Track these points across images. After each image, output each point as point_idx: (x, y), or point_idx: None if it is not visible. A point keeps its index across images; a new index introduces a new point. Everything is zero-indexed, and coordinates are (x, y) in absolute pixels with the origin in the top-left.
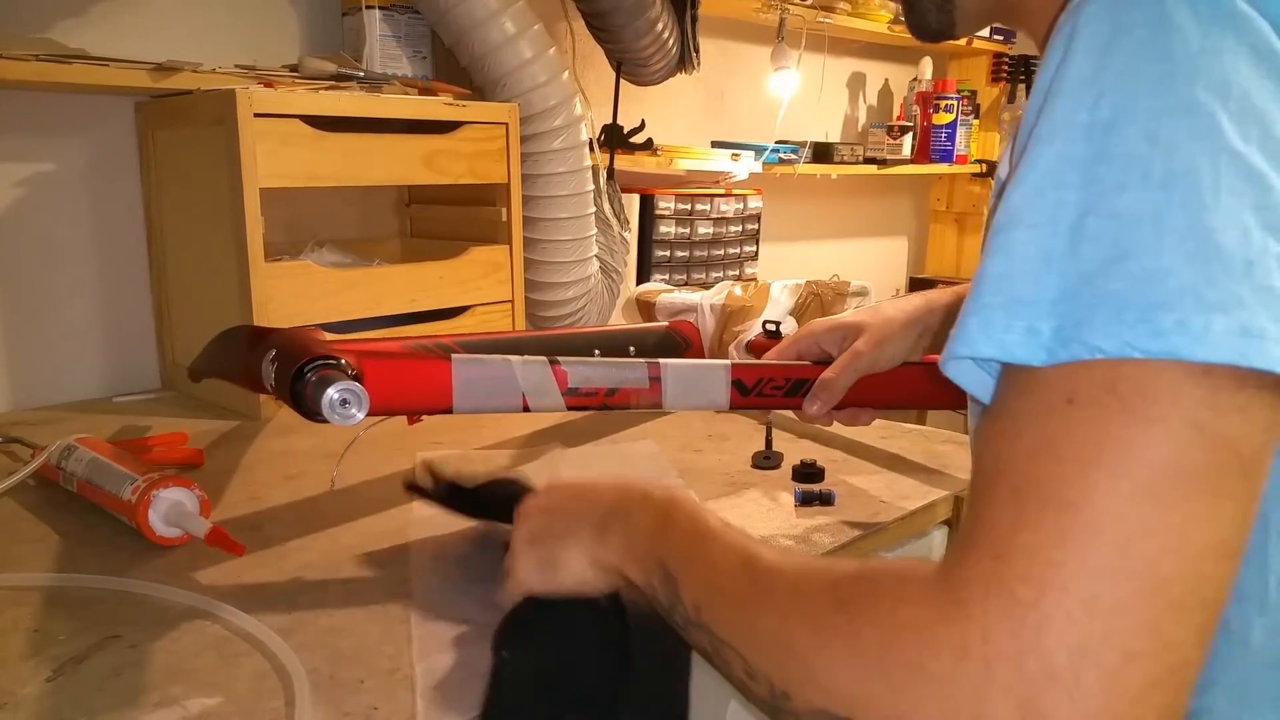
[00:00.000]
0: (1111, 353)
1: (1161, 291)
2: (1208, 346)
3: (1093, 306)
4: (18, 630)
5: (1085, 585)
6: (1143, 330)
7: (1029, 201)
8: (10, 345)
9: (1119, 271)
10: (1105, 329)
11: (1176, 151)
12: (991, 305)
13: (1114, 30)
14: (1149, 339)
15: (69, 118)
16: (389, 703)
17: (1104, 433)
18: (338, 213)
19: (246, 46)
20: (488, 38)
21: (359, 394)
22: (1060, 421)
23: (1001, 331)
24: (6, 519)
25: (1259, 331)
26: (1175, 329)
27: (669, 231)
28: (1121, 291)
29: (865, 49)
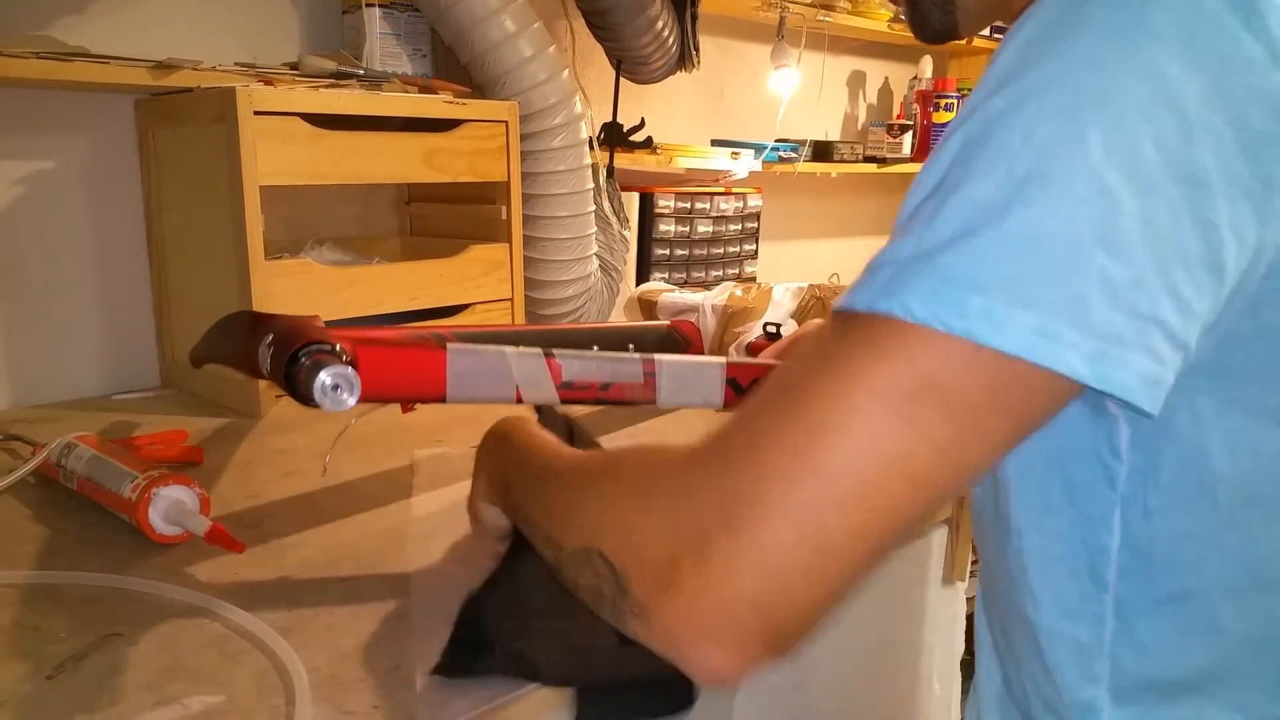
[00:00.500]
0: (919, 318)
1: (980, 276)
2: (1003, 336)
3: (922, 273)
4: (17, 628)
5: (772, 457)
6: (951, 307)
7: (925, 168)
8: (10, 343)
9: (956, 249)
10: (923, 295)
11: (1042, 155)
12: (872, 265)
13: (1039, 28)
14: (955, 316)
15: (69, 115)
16: (389, 700)
17: (861, 363)
18: (338, 211)
19: (246, 44)
20: (487, 35)
21: (351, 379)
22: (835, 344)
23: (863, 285)
24: (6, 517)
25: (1054, 334)
26: (980, 313)
27: (669, 230)
28: (950, 267)
29: (865, 47)
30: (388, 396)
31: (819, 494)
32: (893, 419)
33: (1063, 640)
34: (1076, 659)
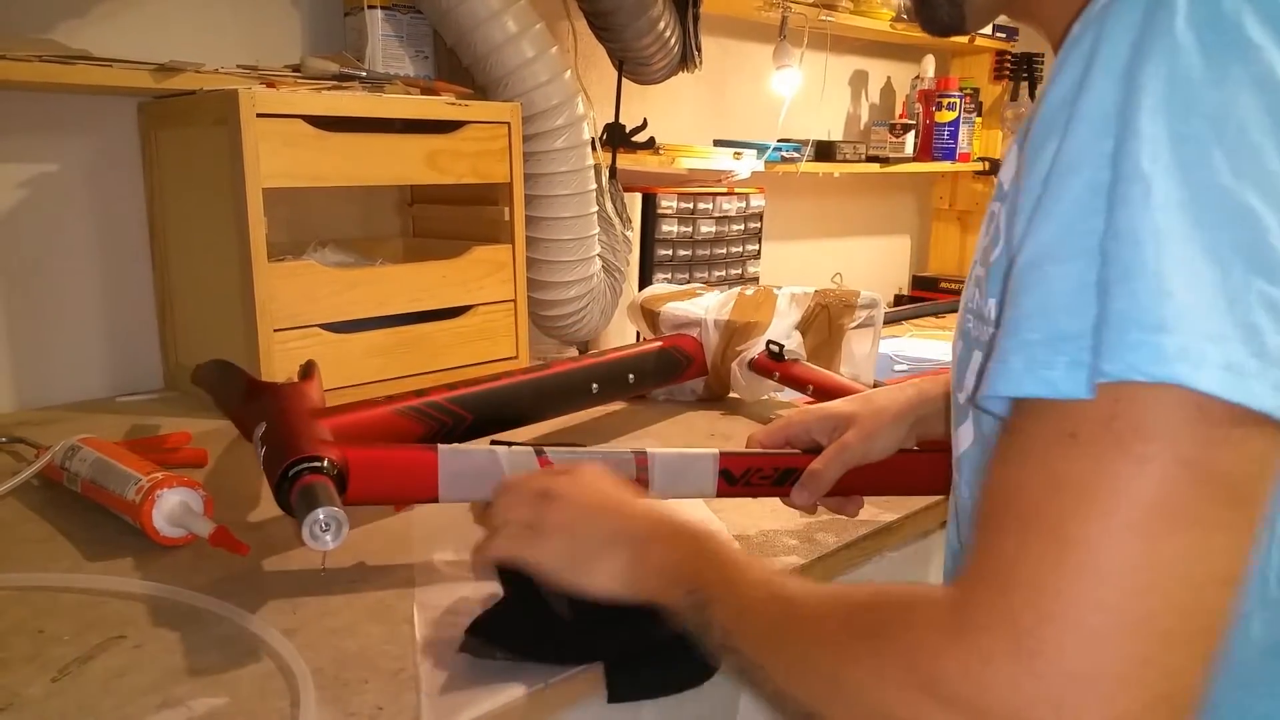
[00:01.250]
0: (1114, 375)
1: (1163, 313)
2: (1205, 375)
3: (1100, 329)
4: (22, 631)
5: (1079, 617)
6: (1146, 353)
7: (1059, 236)
8: (14, 345)
9: (1123, 290)
10: (1110, 352)
11: (1174, 182)
12: (1032, 342)
13: (1132, 55)
14: (1152, 363)
15: (72, 118)
16: (393, 703)
17: (1100, 469)
18: (340, 212)
19: (249, 47)
20: (490, 37)
21: (340, 520)
22: (1062, 455)
23: (1044, 368)
24: (10, 519)
25: (1240, 367)
26: (1178, 355)
27: (671, 230)
28: (1125, 311)
29: (867, 47)
30: (380, 500)
31: (1152, 643)
32: (1187, 528)
33: None
34: None
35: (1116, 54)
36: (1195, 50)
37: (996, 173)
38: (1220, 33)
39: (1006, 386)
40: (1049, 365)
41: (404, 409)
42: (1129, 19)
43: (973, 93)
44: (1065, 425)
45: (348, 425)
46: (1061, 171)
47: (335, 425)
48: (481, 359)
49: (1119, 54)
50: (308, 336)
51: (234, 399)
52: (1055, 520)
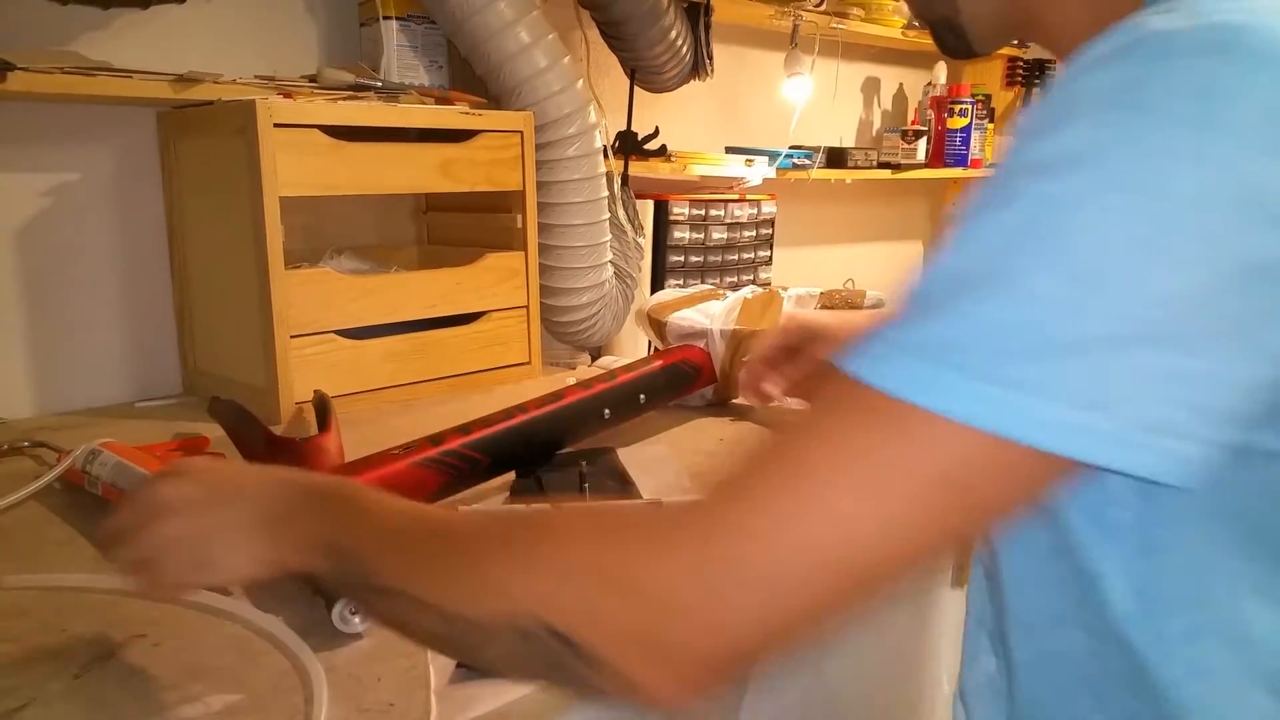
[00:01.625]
0: (956, 416)
1: (1032, 376)
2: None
3: (961, 366)
4: (45, 630)
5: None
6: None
7: (968, 232)
8: (35, 351)
9: (1008, 350)
10: (960, 394)
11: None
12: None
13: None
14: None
15: (93, 128)
16: (405, 699)
17: (864, 438)
18: (356, 220)
19: (266, 58)
20: (503, 47)
21: None
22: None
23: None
24: (34, 522)
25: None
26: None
27: (683, 237)
28: (994, 366)
29: (879, 54)
30: None
31: (813, 576)
32: (906, 512)
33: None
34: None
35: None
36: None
37: None
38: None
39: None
40: (891, 358)
41: (421, 461)
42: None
43: (985, 99)
44: (873, 406)
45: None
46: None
47: None
48: (495, 364)
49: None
50: (324, 343)
51: (253, 450)
52: (799, 457)
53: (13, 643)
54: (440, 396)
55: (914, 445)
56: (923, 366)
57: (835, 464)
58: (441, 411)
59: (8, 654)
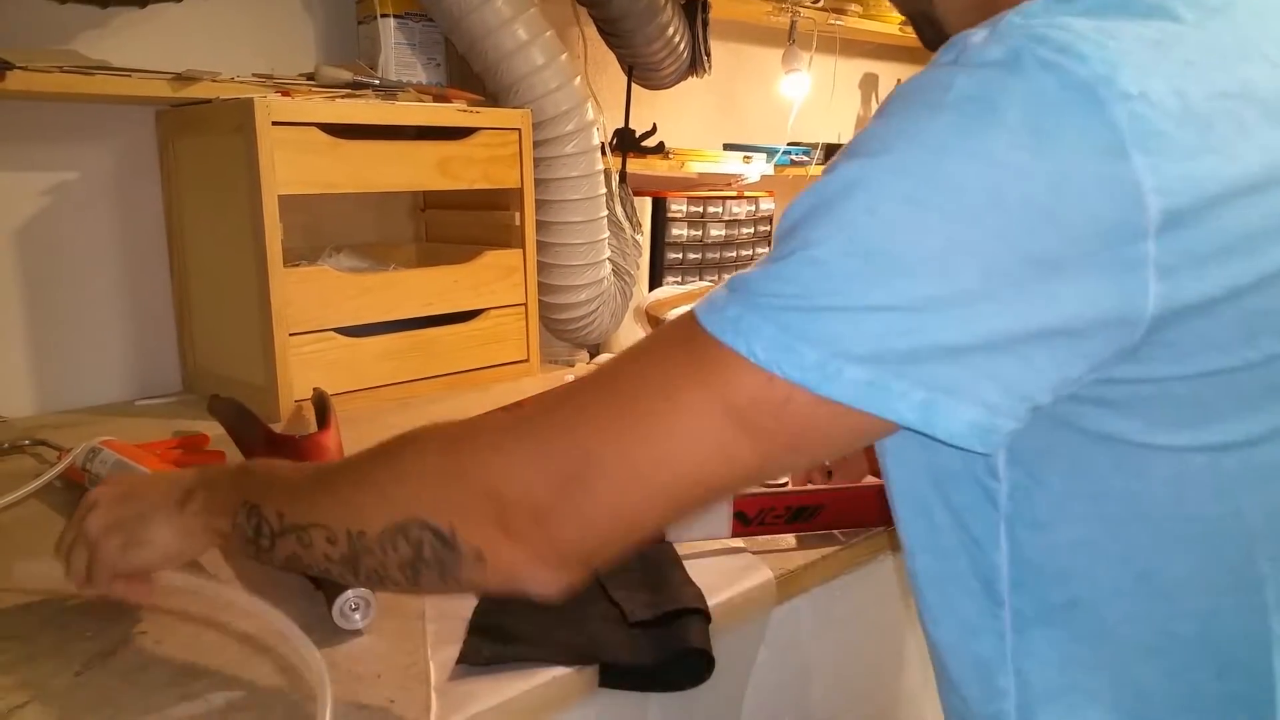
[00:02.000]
0: (760, 361)
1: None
2: (834, 387)
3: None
4: (47, 626)
5: (600, 444)
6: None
7: (805, 193)
8: (35, 350)
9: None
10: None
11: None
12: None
13: (904, 105)
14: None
15: (91, 127)
16: (405, 695)
17: (698, 379)
18: (354, 218)
19: (264, 56)
20: (500, 45)
21: (368, 600)
22: (684, 358)
23: (720, 302)
24: (34, 519)
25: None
26: (814, 365)
27: (681, 234)
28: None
29: (877, 50)
30: None
31: (630, 482)
32: (709, 438)
33: (965, 656)
34: (980, 675)
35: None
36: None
37: None
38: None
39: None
40: (724, 306)
41: None
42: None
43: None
44: (701, 344)
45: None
46: (831, 164)
47: None
48: (493, 362)
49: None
50: (322, 340)
51: (253, 448)
52: (631, 383)
53: (16, 640)
54: (438, 394)
55: (714, 377)
56: (735, 309)
57: (652, 389)
58: (440, 409)
59: (10, 651)
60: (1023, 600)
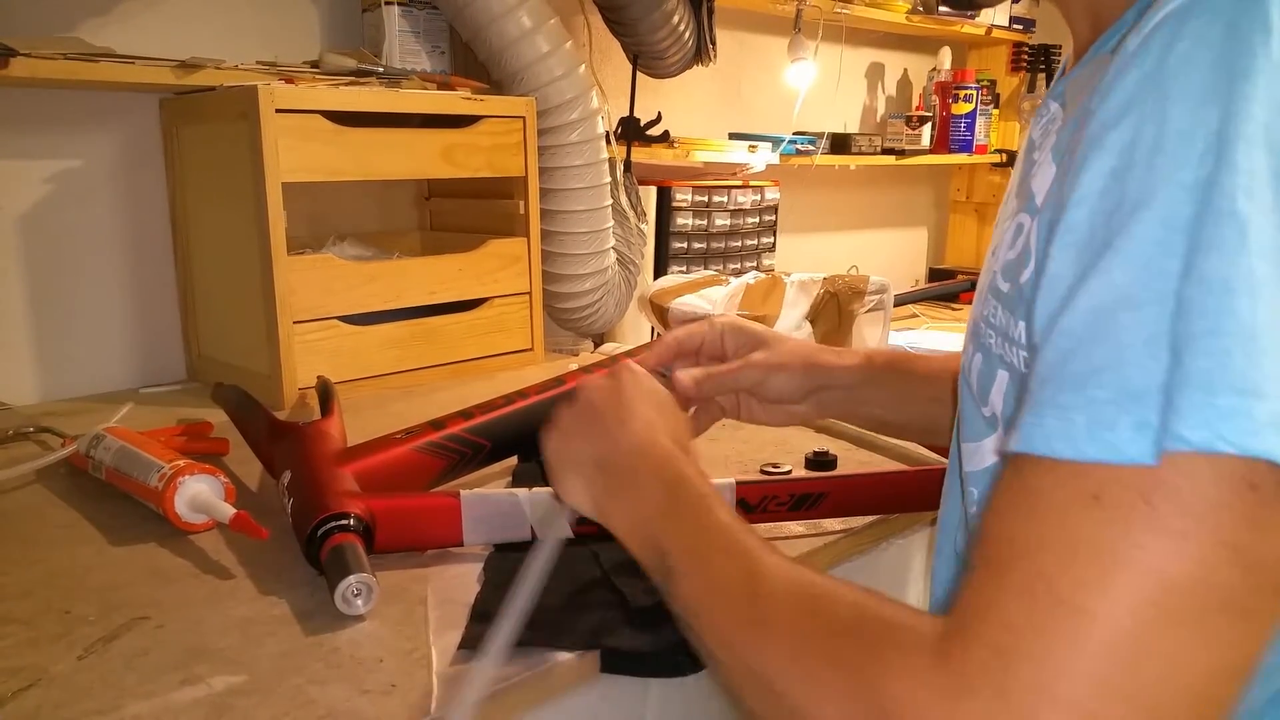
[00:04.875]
0: (1198, 445)
1: (1257, 376)
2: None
3: (1180, 388)
4: (49, 611)
5: (1078, 697)
6: (1240, 421)
7: (1136, 279)
8: (40, 338)
9: (1209, 346)
10: (1193, 416)
11: (1271, 220)
12: (1100, 400)
13: (1218, 77)
14: (1245, 434)
15: (95, 115)
16: (406, 680)
17: (1130, 540)
18: (359, 206)
19: (268, 43)
20: (505, 32)
21: (370, 585)
22: (1085, 518)
23: (1106, 430)
24: (38, 505)
25: None
26: (1271, 423)
27: (686, 223)
28: (1211, 370)
29: (883, 39)
30: (408, 547)
31: None
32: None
33: None
34: None
35: (1193, 74)
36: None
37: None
38: None
39: (1068, 448)
40: (1112, 426)
41: (423, 445)
42: (1207, 35)
43: (990, 84)
44: (1088, 485)
45: (371, 469)
46: (1132, 206)
47: (358, 470)
48: (497, 350)
49: (1197, 74)
50: (326, 329)
51: (257, 435)
52: (1069, 588)
53: (19, 624)
54: (442, 382)
55: (1177, 511)
56: (1147, 413)
57: (1106, 572)
58: (444, 397)
59: (13, 635)
60: None
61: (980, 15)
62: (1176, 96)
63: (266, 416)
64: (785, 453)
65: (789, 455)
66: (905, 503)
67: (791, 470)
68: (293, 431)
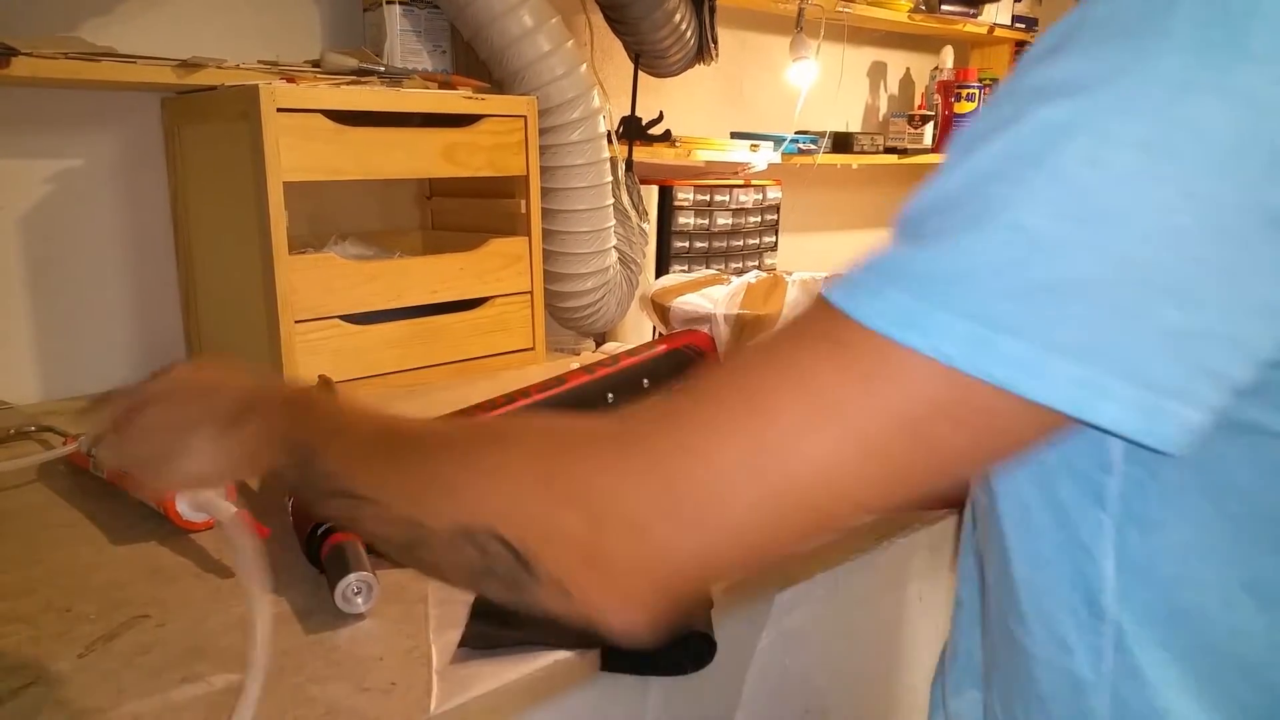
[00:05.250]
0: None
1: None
2: (1040, 385)
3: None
4: (50, 609)
5: (727, 466)
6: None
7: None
8: (42, 337)
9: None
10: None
11: (1110, 191)
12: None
13: (1108, 27)
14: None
15: (97, 114)
16: (406, 678)
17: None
18: (360, 206)
19: (270, 43)
20: (506, 31)
21: (370, 584)
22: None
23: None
24: (40, 505)
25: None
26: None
27: (688, 223)
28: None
29: (885, 38)
30: None
31: (769, 517)
32: (873, 452)
33: (1058, 673)
34: (1074, 694)
35: (1092, 22)
36: (1190, 53)
37: None
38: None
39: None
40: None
41: None
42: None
43: (992, 83)
44: (850, 341)
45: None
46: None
47: None
48: (498, 350)
49: (1094, 23)
50: (328, 328)
51: None
52: (762, 389)
53: (19, 622)
54: (444, 382)
55: (883, 383)
56: (903, 298)
57: (796, 396)
58: (445, 397)
59: (15, 633)
60: (1126, 613)
61: (983, 13)
62: (1069, 39)
63: None
64: None
65: None
66: None
67: None
68: None
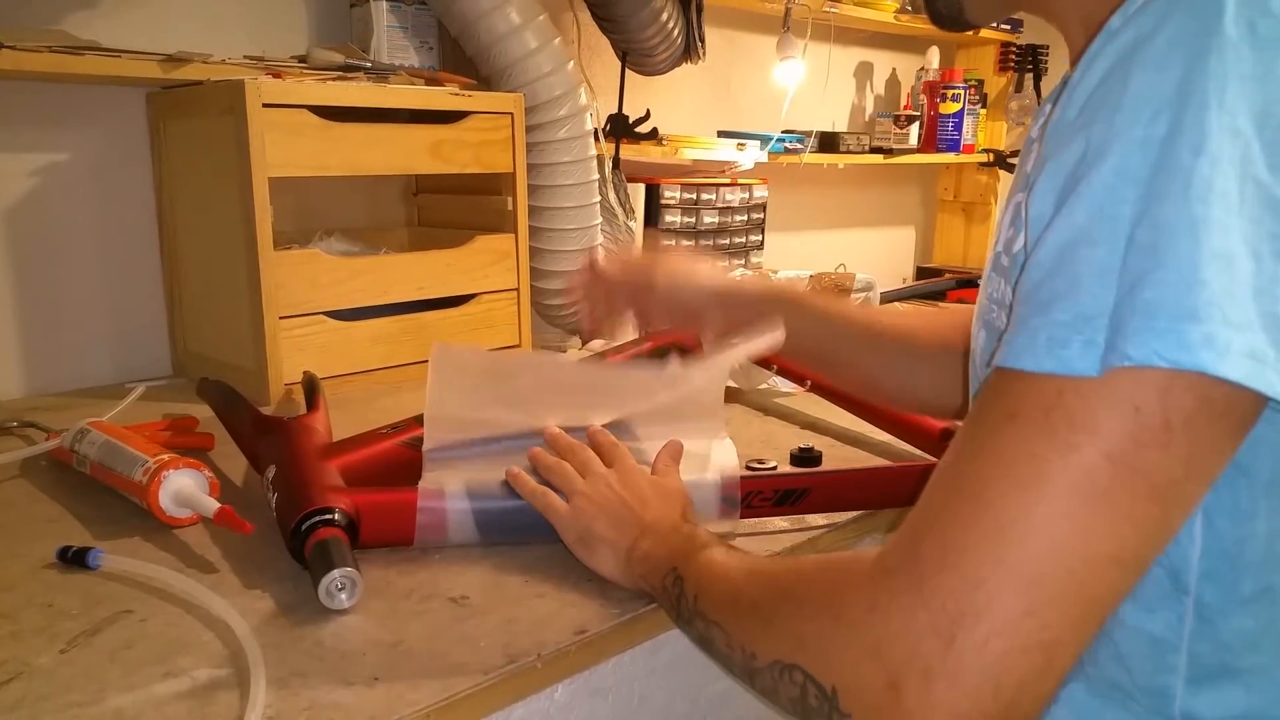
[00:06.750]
0: (1138, 360)
1: (1193, 303)
2: (1229, 364)
3: (1130, 315)
4: (32, 605)
5: (976, 569)
6: (1171, 340)
7: (1091, 218)
8: (25, 333)
9: (1155, 280)
10: (1136, 337)
11: (1214, 170)
12: (1060, 322)
13: (1170, 46)
14: (1176, 349)
15: (81, 109)
16: (389, 673)
17: (1030, 451)
18: (346, 202)
19: (255, 38)
20: (493, 28)
21: (354, 580)
22: (999, 433)
23: (1061, 347)
24: (22, 500)
25: (1262, 356)
26: (1202, 343)
27: (674, 221)
28: (1154, 300)
29: (872, 38)
30: (392, 542)
31: (1036, 600)
32: (1094, 512)
33: (1137, 633)
34: (1152, 650)
35: (1157, 46)
36: (1245, 45)
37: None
38: (1270, 28)
39: (1029, 359)
40: (1066, 344)
41: (409, 440)
42: (1172, 14)
43: (977, 84)
44: (1042, 398)
45: (355, 464)
46: (1093, 158)
47: (343, 465)
48: (485, 346)
49: (1160, 47)
50: (313, 324)
51: (242, 430)
52: (979, 487)
53: (1, 618)
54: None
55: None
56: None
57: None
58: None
59: None
60: (1211, 591)
61: None
62: (1138, 66)
63: (251, 411)
64: (771, 449)
65: (774, 451)
66: (889, 498)
67: (777, 466)
68: (278, 426)
